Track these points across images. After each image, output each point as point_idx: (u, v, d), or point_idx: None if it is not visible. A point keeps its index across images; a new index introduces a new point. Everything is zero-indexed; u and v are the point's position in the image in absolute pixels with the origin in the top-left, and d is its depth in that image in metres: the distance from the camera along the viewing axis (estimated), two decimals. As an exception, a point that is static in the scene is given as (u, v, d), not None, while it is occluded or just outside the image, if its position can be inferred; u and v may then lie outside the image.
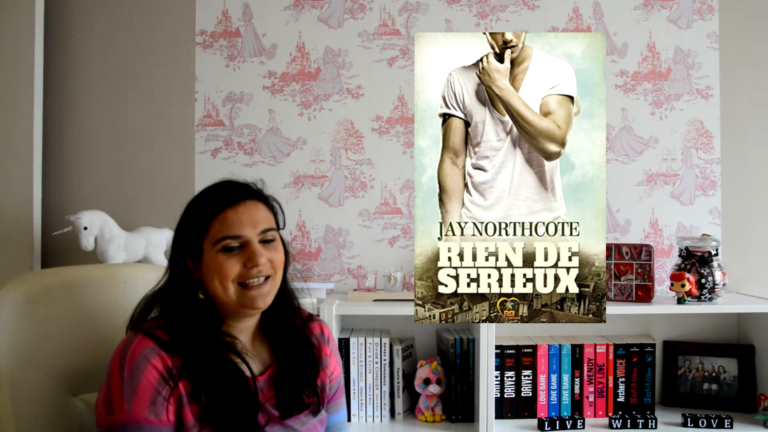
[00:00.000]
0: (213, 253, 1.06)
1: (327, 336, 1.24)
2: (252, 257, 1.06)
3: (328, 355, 1.23)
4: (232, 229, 1.06)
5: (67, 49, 2.06)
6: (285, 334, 1.16)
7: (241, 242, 1.07)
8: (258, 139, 2.07)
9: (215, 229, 1.06)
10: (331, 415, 1.24)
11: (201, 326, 1.06)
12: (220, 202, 1.08)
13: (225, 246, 1.06)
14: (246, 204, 1.09)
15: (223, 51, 2.07)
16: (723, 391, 1.92)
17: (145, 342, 1.01)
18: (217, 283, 1.06)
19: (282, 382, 1.12)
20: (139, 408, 0.98)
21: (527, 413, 1.85)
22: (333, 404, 1.24)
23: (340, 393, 1.26)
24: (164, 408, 0.99)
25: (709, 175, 2.08)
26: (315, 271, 2.06)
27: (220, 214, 1.07)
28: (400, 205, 2.07)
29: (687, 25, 2.09)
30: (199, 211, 1.09)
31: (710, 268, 1.84)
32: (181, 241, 1.11)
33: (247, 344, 1.12)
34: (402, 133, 2.07)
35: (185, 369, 1.01)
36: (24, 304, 1.14)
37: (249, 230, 1.07)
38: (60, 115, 2.05)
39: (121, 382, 0.99)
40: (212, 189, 1.13)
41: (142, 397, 0.98)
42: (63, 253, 1.98)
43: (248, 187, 1.14)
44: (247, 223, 1.07)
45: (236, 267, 1.06)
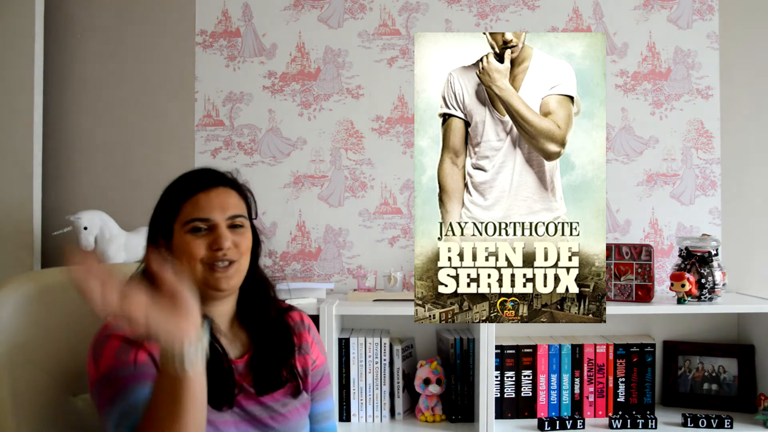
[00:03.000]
0: (182, 234, 1.10)
1: (308, 324, 1.28)
2: (217, 240, 1.09)
3: (309, 342, 1.25)
4: (201, 211, 1.10)
5: (67, 49, 2.06)
6: (261, 320, 1.18)
7: (209, 225, 1.10)
8: (258, 139, 2.07)
9: (186, 210, 1.10)
10: (317, 404, 1.25)
11: None
12: (194, 186, 1.12)
13: (193, 227, 1.09)
14: (218, 190, 1.13)
15: (223, 51, 2.07)
16: (723, 391, 1.92)
17: (113, 323, 1.03)
18: (184, 262, 1.09)
19: (258, 361, 1.14)
20: (108, 358, 1.00)
21: (527, 413, 1.85)
22: (318, 392, 1.25)
23: (325, 381, 1.27)
24: (134, 351, 1.01)
25: (709, 175, 2.08)
26: (315, 271, 2.06)
27: (192, 197, 1.11)
28: (400, 205, 2.07)
29: (687, 25, 2.09)
30: (173, 194, 1.14)
31: (710, 268, 1.84)
32: (155, 222, 1.15)
33: (223, 328, 1.15)
34: (402, 133, 2.07)
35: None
36: (25, 304, 1.14)
37: (218, 214, 1.11)
38: (60, 115, 2.05)
39: (92, 354, 1.03)
40: (188, 174, 1.17)
41: (109, 351, 1.01)
42: (63, 253, 1.98)
43: (222, 175, 1.17)
44: (216, 207, 1.11)
45: (202, 248, 1.09)
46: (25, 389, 1.11)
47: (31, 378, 1.12)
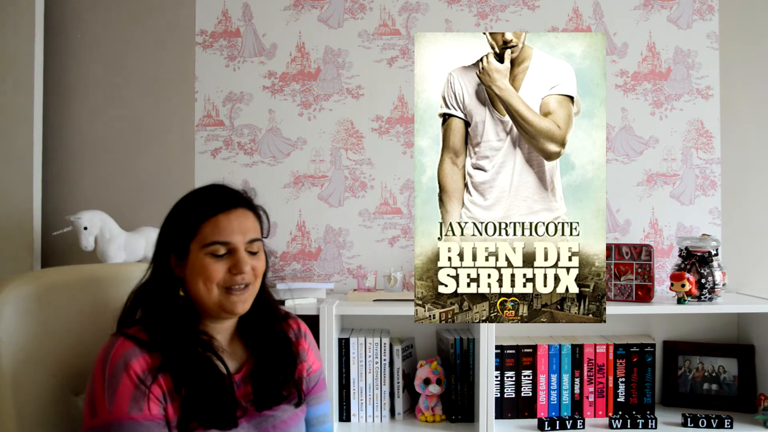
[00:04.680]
0: (200, 255, 1.09)
1: (304, 331, 1.28)
2: (237, 264, 1.09)
3: (306, 349, 1.25)
4: (222, 234, 1.09)
5: (67, 49, 2.06)
6: (262, 335, 1.18)
7: (228, 248, 1.10)
8: (258, 139, 2.07)
9: (205, 231, 1.09)
10: (313, 408, 1.26)
11: (179, 323, 1.09)
12: (213, 206, 1.11)
13: (213, 251, 1.09)
14: (237, 211, 1.12)
15: (223, 51, 2.07)
16: (723, 391, 1.92)
17: (126, 344, 1.04)
18: (201, 284, 1.09)
19: (258, 376, 1.14)
20: (121, 405, 0.99)
21: (527, 413, 1.85)
22: (314, 397, 1.26)
23: (320, 386, 1.28)
24: (146, 402, 1.00)
25: (709, 175, 2.08)
26: (315, 271, 2.06)
27: (212, 218, 1.10)
28: (400, 205, 2.07)
29: (687, 25, 2.09)
30: (190, 212, 1.12)
31: (710, 268, 1.84)
32: (167, 238, 1.13)
33: (223, 344, 1.15)
34: (402, 133, 2.07)
35: (165, 364, 1.03)
36: (26, 303, 1.14)
37: (238, 238, 1.10)
38: (60, 115, 2.05)
39: (103, 384, 1.00)
40: (204, 191, 1.15)
41: (123, 395, 0.99)
42: (63, 253, 1.98)
43: (240, 194, 1.16)
44: (237, 230, 1.10)
45: (221, 272, 1.09)
46: (27, 389, 1.11)
47: (32, 377, 1.12)
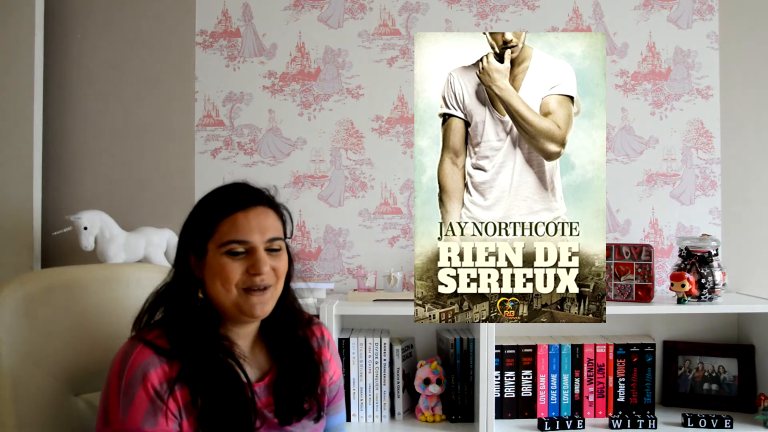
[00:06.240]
0: (217, 255, 1.05)
1: (327, 339, 1.24)
2: (255, 264, 1.05)
3: (328, 359, 1.23)
4: (239, 233, 1.05)
5: (67, 49, 2.06)
6: (285, 342, 1.14)
7: (246, 248, 1.06)
8: (258, 139, 2.07)
9: (223, 230, 1.05)
10: (331, 418, 1.24)
11: (199, 326, 1.05)
12: (231, 205, 1.07)
13: (230, 250, 1.05)
14: (257, 210, 1.08)
15: (223, 51, 2.07)
16: (723, 391, 1.92)
17: (145, 352, 1.00)
18: (219, 285, 1.05)
19: (281, 389, 1.10)
20: (135, 418, 0.96)
21: (527, 413, 1.85)
22: (332, 407, 1.24)
23: (339, 396, 1.26)
24: (161, 417, 0.97)
25: (709, 175, 2.08)
26: (315, 271, 2.06)
27: (229, 216, 1.06)
28: (400, 205, 2.07)
29: (687, 25, 2.09)
30: (208, 210, 1.08)
31: (710, 268, 1.84)
32: (187, 237, 1.10)
33: (245, 350, 1.11)
34: (402, 133, 2.07)
35: (183, 373, 1.00)
36: (26, 304, 1.14)
37: (256, 237, 1.06)
38: (60, 115, 2.05)
39: (118, 393, 0.98)
40: (225, 189, 1.12)
41: (138, 407, 0.97)
42: (63, 253, 1.98)
43: (261, 192, 1.12)
44: (255, 229, 1.06)
45: (238, 272, 1.05)
46: (26, 389, 1.11)
47: (32, 378, 1.12)
